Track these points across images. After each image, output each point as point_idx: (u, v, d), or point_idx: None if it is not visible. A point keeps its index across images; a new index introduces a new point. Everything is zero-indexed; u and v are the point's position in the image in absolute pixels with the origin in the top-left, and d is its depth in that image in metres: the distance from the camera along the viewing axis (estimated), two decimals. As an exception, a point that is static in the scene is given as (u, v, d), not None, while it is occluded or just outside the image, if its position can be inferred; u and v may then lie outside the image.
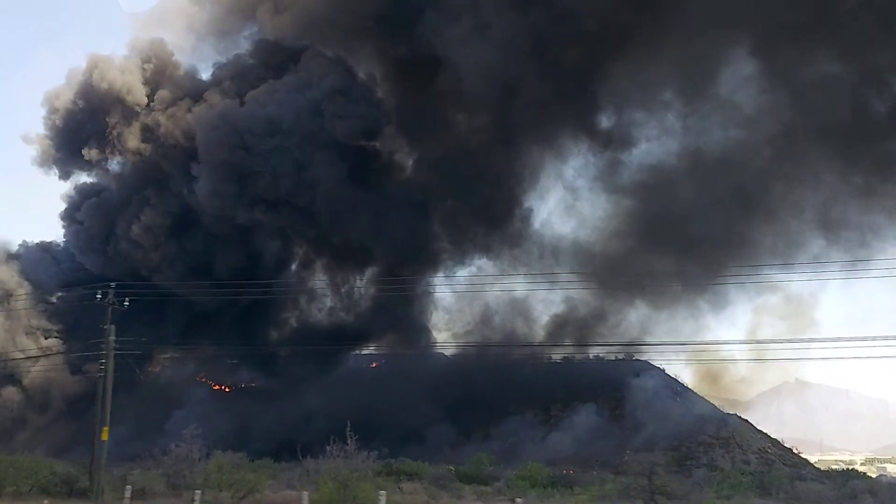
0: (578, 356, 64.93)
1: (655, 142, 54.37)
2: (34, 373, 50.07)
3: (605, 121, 54.13)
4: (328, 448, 27.17)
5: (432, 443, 50.01)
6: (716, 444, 53.10)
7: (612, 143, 52.67)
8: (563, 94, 47.55)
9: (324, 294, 57.33)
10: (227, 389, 64.09)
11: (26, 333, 50.73)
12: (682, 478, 42.11)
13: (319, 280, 57.77)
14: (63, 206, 57.26)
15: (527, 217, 58.22)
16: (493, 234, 55.39)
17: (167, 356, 60.22)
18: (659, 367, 61.93)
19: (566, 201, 59.70)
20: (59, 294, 49.82)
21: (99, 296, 30.26)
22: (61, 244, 59.63)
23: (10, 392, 49.58)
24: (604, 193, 55.31)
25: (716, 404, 59.20)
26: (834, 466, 60.81)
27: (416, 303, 56.67)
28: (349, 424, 27.47)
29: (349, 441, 26.63)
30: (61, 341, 51.41)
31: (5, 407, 49.29)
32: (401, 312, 54.90)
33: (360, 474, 26.27)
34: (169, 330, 53.04)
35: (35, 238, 64.41)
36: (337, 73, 49.52)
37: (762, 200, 48.05)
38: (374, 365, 67.33)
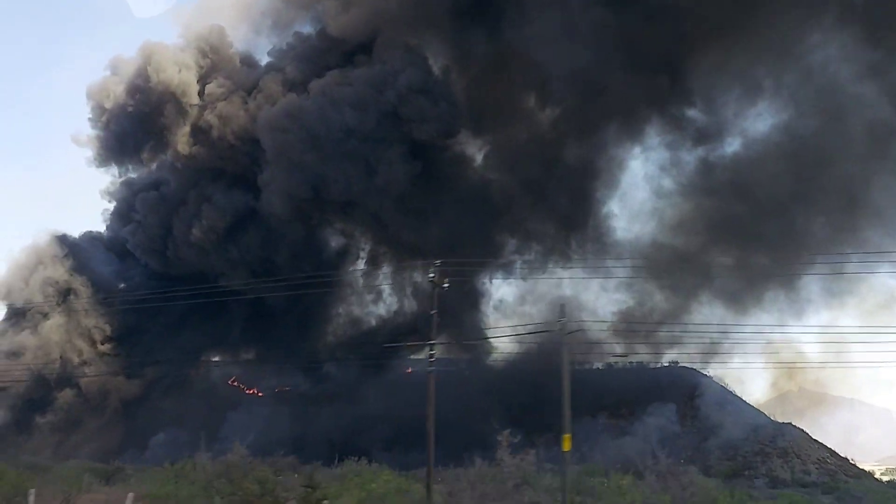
0: (620, 363, 63.48)
1: (745, 134, 52.72)
2: (91, 376, 48.86)
3: (693, 113, 52.39)
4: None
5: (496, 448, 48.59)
6: (773, 453, 52.01)
7: (702, 136, 51.10)
8: (650, 87, 46.21)
9: (389, 292, 55.82)
10: (259, 394, 62.91)
11: (80, 335, 49.51)
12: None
13: (384, 274, 56.09)
14: (94, 195, 56.09)
15: (605, 218, 56.71)
16: (569, 235, 53.87)
17: (217, 359, 59.24)
18: (707, 374, 60.95)
19: (648, 199, 57.85)
20: (122, 287, 48.19)
21: (431, 275, 28.82)
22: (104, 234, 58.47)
23: (67, 395, 48.36)
24: (689, 189, 53.24)
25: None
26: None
27: (475, 303, 55.26)
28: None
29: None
30: (117, 344, 50.17)
31: (61, 409, 48.11)
32: (459, 311, 53.54)
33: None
34: (225, 331, 52.07)
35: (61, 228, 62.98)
36: (415, 67, 47.81)
37: (857, 194, 46.55)
38: (408, 370, 66.25)
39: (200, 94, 54.73)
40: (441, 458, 43.89)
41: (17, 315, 50.09)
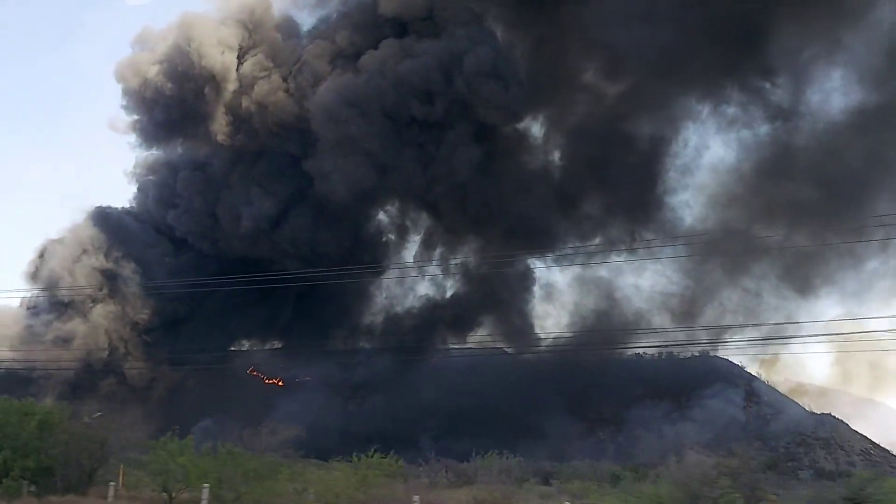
0: (648, 353, 62.21)
1: (821, 109, 51.15)
2: (136, 368, 47.08)
3: (769, 88, 51.05)
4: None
5: (550, 438, 47.47)
6: (816, 444, 51.17)
7: (778, 112, 50.22)
8: (728, 61, 44.77)
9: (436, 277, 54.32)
10: (280, 384, 61.31)
11: (126, 323, 47.62)
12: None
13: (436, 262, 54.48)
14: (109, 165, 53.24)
15: (671, 201, 55.34)
16: (632, 220, 52.39)
17: (246, 348, 57.70)
18: (739, 365, 59.96)
19: (715, 180, 55.62)
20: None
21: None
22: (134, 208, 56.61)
23: (111, 382, 46.60)
24: (760, 168, 51.58)
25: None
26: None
27: (523, 290, 53.90)
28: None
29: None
30: (162, 332, 48.33)
31: (105, 397, 46.33)
32: (506, 299, 52.17)
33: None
34: (271, 318, 50.48)
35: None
36: (484, 45, 45.31)
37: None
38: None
39: (237, 68, 51.73)
40: (491, 447, 42.67)
41: (64, 305, 47.90)
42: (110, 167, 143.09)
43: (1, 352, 46.58)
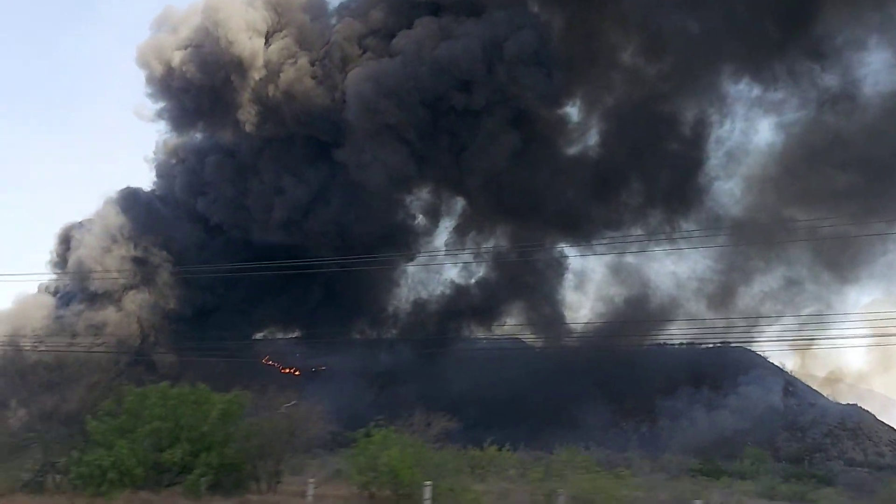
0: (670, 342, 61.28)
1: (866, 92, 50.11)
2: (162, 352, 46.37)
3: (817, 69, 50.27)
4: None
5: (582, 427, 46.93)
6: (843, 435, 51.01)
7: (824, 95, 49.35)
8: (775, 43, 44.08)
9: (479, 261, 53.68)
10: (296, 373, 60.62)
11: (155, 312, 46.83)
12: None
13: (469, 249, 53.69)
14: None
15: (714, 194, 54.53)
16: (671, 210, 51.65)
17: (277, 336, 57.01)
18: (762, 355, 59.47)
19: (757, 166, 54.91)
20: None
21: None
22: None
23: (138, 371, 45.87)
24: (802, 153, 50.81)
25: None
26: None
27: (556, 278, 53.25)
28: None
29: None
30: (192, 321, 47.57)
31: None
32: (538, 286, 51.62)
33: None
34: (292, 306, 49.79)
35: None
36: (525, 29, 43.75)
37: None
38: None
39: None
40: (521, 438, 42.20)
41: (96, 295, 47.08)
42: (121, 150, 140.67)
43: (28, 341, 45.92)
